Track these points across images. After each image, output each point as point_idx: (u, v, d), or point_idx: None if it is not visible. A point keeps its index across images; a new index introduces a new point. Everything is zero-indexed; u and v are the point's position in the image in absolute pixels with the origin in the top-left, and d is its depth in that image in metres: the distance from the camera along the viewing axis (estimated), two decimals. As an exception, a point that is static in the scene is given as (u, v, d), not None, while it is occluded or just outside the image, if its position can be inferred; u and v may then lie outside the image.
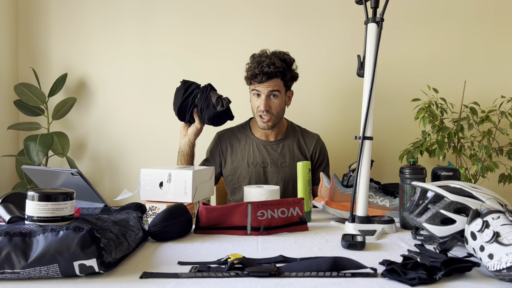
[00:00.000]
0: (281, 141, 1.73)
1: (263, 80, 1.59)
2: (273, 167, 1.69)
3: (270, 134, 1.73)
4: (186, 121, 1.66)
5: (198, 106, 1.60)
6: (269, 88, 1.61)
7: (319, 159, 1.75)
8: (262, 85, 1.61)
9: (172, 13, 2.17)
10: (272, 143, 1.72)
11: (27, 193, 0.83)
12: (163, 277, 0.77)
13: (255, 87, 1.63)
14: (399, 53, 2.10)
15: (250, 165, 1.70)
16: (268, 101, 1.62)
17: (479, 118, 1.79)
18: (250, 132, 1.76)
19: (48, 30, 2.21)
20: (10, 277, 0.73)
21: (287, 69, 1.63)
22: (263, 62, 1.59)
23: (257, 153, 1.71)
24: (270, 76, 1.59)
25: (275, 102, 1.63)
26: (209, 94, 1.59)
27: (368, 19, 1.16)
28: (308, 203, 1.28)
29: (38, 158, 1.92)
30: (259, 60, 1.60)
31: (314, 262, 0.80)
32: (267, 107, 1.62)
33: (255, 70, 1.59)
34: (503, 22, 2.09)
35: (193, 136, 1.65)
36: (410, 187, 1.17)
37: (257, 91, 1.63)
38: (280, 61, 1.60)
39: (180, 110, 1.63)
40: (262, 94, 1.62)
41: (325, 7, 2.13)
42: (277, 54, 1.63)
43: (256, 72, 1.59)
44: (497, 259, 0.74)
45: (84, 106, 2.21)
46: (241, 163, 1.70)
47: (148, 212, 1.20)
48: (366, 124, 1.14)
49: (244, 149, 1.72)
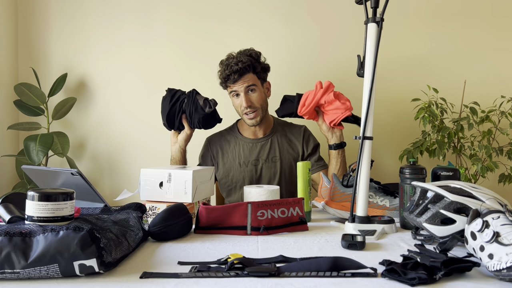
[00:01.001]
0: (270, 136, 1.75)
1: (236, 79, 1.63)
2: (265, 164, 1.71)
3: (258, 131, 1.75)
4: (176, 128, 1.69)
5: (187, 111, 1.64)
6: (245, 84, 1.64)
7: (309, 146, 1.76)
8: (237, 84, 1.64)
9: (172, 13, 2.17)
10: (261, 140, 1.74)
11: (27, 193, 0.83)
12: (163, 277, 0.77)
13: (232, 88, 1.66)
14: (399, 53, 2.10)
15: (242, 165, 1.71)
16: (247, 97, 1.65)
17: (479, 118, 1.78)
18: (239, 133, 1.78)
19: (48, 30, 2.21)
20: (10, 277, 0.74)
21: (255, 62, 1.66)
22: (231, 63, 1.63)
23: (248, 152, 1.72)
24: (241, 72, 1.62)
25: (254, 96, 1.66)
26: (195, 97, 1.63)
27: (368, 19, 1.16)
28: (308, 203, 1.28)
29: (38, 158, 1.92)
30: (226, 63, 1.64)
31: (314, 262, 0.80)
32: (249, 102, 1.64)
33: (226, 72, 1.63)
34: (503, 22, 2.09)
35: (183, 142, 1.69)
36: (410, 187, 1.17)
37: (235, 91, 1.66)
38: (247, 57, 1.64)
39: (168, 117, 1.67)
40: (240, 92, 1.65)
41: (325, 7, 2.13)
42: (242, 52, 1.67)
43: (227, 73, 1.63)
44: (497, 259, 0.74)
45: (84, 106, 2.21)
46: (233, 164, 1.72)
47: (148, 212, 1.20)
48: (366, 124, 1.14)
49: (235, 150, 1.74)
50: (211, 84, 2.16)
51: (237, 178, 1.71)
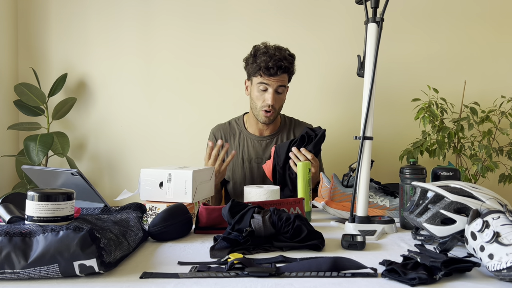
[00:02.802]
0: (275, 135, 1.75)
1: (274, 73, 1.57)
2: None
3: (265, 130, 1.74)
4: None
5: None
6: (279, 83, 1.60)
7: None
8: (273, 79, 1.59)
9: (172, 13, 2.17)
10: (266, 138, 1.74)
11: (27, 193, 0.83)
12: (163, 277, 0.77)
13: (264, 80, 1.60)
14: (399, 53, 2.10)
15: (245, 161, 1.71)
16: (275, 96, 1.61)
17: (479, 118, 1.78)
18: (244, 127, 1.76)
19: (48, 30, 2.21)
20: (10, 277, 0.73)
21: (292, 65, 1.65)
22: (275, 56, 1.57)
23: (252, 148, 1.72)
24: (283, 70, 1.59)
25: (280, 98, 1.65)
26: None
27: (368, 19, 1.16)
28: (308, 203, 1.28)
29: (38, 158, 1.92)
30: (271, 53, 1.58)
31: (314, 262, 0.80)
32: (274, 101, 1.61)
33: (269, 63, 1.56)
34: (503, 22, 2.09)
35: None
36: (410, 187, 1.17)
37: (266, 85, 1.60)
38: (290, 57, 1.62)
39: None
40: (270, 88, 1.60)
41: (325, 7, 2.13)
42: (283, 49, 1.64)
43: (270, 65, 1.56)
44: (497, 259, 0.74)
45: (84, 106, 2.21)
46: (236, 159, 1.71)
47: (148, 212, 1.20)
48: (366, 124, 1.14)
49: (239, 144, 1.73)
50: (211, 84, 2.17)
51: (239, 173, 1.70)
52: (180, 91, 2.18)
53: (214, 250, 0.91)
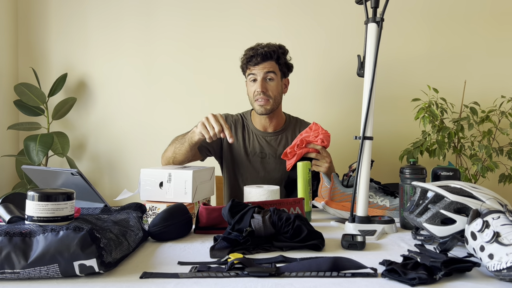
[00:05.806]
0: (280, 133, 1.74)
1: (258, 62, 1.61)
2: (271, 158, 1.70)
3: (269, 126, 1.74)
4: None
5: None
6: (265, 70, 1.62)
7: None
8: (258, 67, 1.63)
9: (172, 12, 2.17)
10: (271, 134, 1.73)
11: (27, 193, 0.83)
12: (163, 277, 0.77)
13: (251, 71, 1.64)
14: (399, 53, 2.10)
15: (249, 154, 1.71)
16: (264, 83, 1.63)
17: (479, 118, 1.78)
18: (251, 121, 1.77)
19: (48, 30, 2.21)
20: (10, 277, 0.73)
21: (281, 53, 1.65)
22: (257, 46, 1.64)
23: (256, 143, 1.72)
24: (265, 57, 1.61)
25: (271, 85, 1.64)
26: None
27: (368, 19, 1.16)
28: (308, 203, 1.28)
29: (38, 158, 1.92)
30: (253, 46, 1.65)
31: (314, 262, 0.80)
32: (264, 88, 1.62)
33: (250, 53, 1.62)
34: (504, 22, 2.08)
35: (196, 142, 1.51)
36: (410, 187, 1.17)
37: (253, 75, 1.64)
38: (275, 45, 1.65)
39: None
40: (258, 76, 1.63)
41: (326, 7, 2.13)
42: (271, 43, 1.68)
43: (250, 54, 1.62)
44: (497, 259, 0.74)
45: (84, 106, 2.21)
46: (240, 152, 1.72)
47: (148, 212, 1.20)
48: (366, 124, 1.14)
49: (243, 137, 1.73)
50: (212, 84, 2.17)
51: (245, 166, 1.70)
52: (180, 91, 2.18)
53: (214, 250, 0.91)
